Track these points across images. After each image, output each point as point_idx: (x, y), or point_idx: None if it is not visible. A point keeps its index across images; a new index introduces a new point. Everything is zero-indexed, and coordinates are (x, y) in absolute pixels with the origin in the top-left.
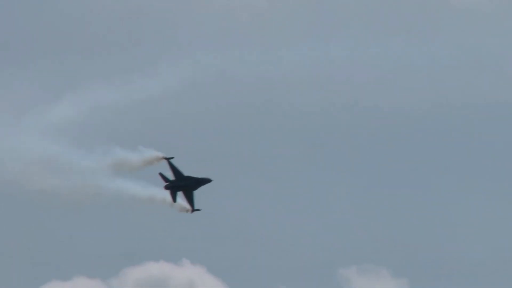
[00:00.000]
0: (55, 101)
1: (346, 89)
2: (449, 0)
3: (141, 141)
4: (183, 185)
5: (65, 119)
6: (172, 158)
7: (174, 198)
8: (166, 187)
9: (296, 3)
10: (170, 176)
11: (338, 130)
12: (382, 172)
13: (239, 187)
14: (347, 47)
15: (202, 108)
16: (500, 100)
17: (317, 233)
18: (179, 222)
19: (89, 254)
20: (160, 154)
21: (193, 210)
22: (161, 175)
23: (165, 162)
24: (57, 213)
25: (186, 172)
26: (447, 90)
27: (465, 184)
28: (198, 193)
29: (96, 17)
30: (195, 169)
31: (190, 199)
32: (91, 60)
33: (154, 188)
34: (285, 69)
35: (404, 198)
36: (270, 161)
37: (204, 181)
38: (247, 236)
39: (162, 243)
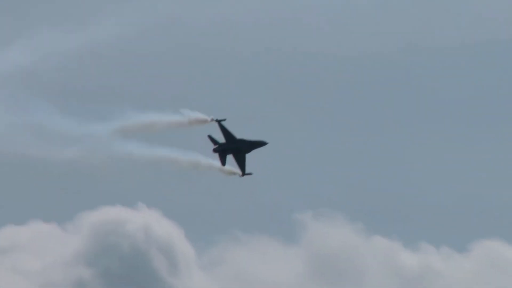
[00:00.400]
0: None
1: (296, 32)
2: None
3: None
4: (233, 148)
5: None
6: (224, 120)
7: (223, 162)
8: (215, 150)
9: None
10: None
11: (290, 74)
12: (337, 116)
13: None
14: None
15: (155, 54)
16: (455, 40)
17: (272, 177)
18: (135, 167)
19: (45, 198)
20: (208, 117)
21: (244, 174)
22: (210, 137)
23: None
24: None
25: None
26: (397, 32)
27: (419, 128)
28: None
29: None
30: None
31: (241, 163)
32: (38, 6)
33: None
34: (236, 13)
35: (360, 142)
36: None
37: (258, 143)
38: (201, 179)
39: (118, 187)
